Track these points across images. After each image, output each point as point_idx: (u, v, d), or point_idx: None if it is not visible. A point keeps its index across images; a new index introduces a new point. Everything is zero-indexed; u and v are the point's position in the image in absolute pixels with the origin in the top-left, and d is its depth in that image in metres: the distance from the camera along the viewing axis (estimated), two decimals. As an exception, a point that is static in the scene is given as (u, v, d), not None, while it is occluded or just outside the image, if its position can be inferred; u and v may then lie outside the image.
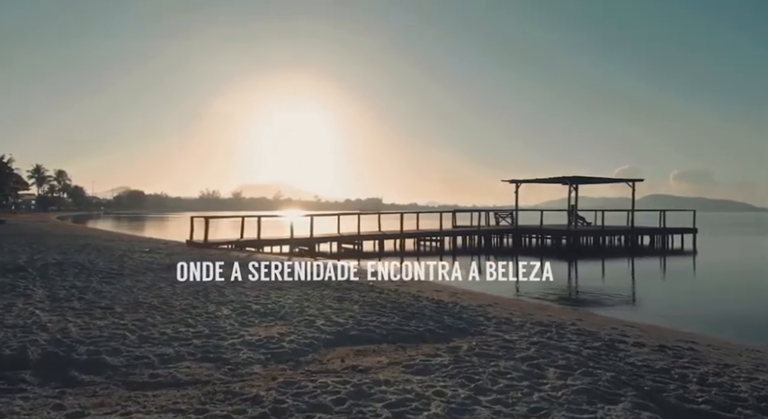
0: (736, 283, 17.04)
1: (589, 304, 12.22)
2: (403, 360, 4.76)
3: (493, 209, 36.59)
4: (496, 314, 7.62)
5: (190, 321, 6.08)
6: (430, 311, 7.18)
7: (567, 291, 14.71)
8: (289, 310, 6.74)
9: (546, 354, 5.07)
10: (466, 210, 34.66)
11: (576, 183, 35.44)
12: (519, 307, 8.87)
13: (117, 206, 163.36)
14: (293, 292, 8.31)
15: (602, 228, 33.78)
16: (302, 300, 7.51)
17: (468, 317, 7.02)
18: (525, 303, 10.03)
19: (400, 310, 7.06)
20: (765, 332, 9.49)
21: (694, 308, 11.74)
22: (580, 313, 9.21)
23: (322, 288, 8.96)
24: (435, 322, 6.50)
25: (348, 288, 9.03)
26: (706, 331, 9.37)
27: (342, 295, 8.08)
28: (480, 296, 10.18)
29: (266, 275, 10.60)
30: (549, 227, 33.75)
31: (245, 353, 4.85)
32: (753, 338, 8.81)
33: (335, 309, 6.86)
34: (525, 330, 6.50)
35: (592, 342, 6.02)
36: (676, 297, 13.83)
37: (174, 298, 7.49)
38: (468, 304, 8.39)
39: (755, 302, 12.99)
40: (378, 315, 6.66)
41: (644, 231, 33.69)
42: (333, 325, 5.92)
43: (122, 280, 9.09)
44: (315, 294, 8.15)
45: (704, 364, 5.29)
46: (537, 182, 37.30)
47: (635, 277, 19.39)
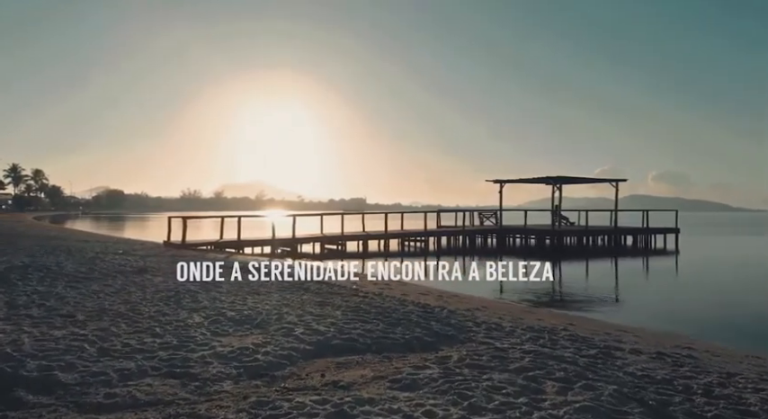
0: (719, 283, 17.02)
1: (577, 306, 11.97)
2: (389, 373, 4.37)
3: (476, 209, 36.40)
4: (485, 319, 7.28)
5: (157, 330, 5.61)
6: (416, 316, 6.80)
7: (553, 293, 14.47)
8: (266, 317, 6.31)
9: (541, 365, 4.72)
10: (450, 210, 34.42)
11: (559, 183, 35.45)
12: (508, 311, 8.55)
13: (96, 206, 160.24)
14: (272, 297, 7.87)
15: (585, 228, 33.81)
16: (281, 306, 7.08)
17: (456, 323, 6.67)
18: (514, 306, 9.71)
19: (385, 316, 6.68)
20: (752, 332, 9.36)
21: (681, 310, 11.57)
22: (570, 317, 8.92)
23: (302, 292, 8.53)
24: (422, 328, 6.12)
25: (330, 292, 8.61)
26: (696, 333, 9.19)
27: (323, 300, 7.67)
28: (468, 299, 9.84)
29: (244, 278, 10.13)
30: (534, 227, 33.65)
31: (215, 367, 4.42)
32: (742, 339, 8.66)
33: (316, 316, 6.45)
34: (516, 336, 6.17)
35: (587, 349, 5.71)
36: (662, 298, 13.67)
37: (144, 305, 7.00)
38: (455, 308, 8.03)
39: (739, 302, 12.93)
40: (361, 321, 6.26)
41: (627, 231, 33.79)
42: (313, 334, 5.51)
43: (90, 285, 8.55)
44: (295, 299, 7.72)
45: (707, 373, 5.00)
46: (521, 182, 37.22)
47: (620, 277, 19.27)
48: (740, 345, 7.93)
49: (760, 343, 8.47)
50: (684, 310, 11.48)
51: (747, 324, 10.36)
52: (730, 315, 11.21)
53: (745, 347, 8.18)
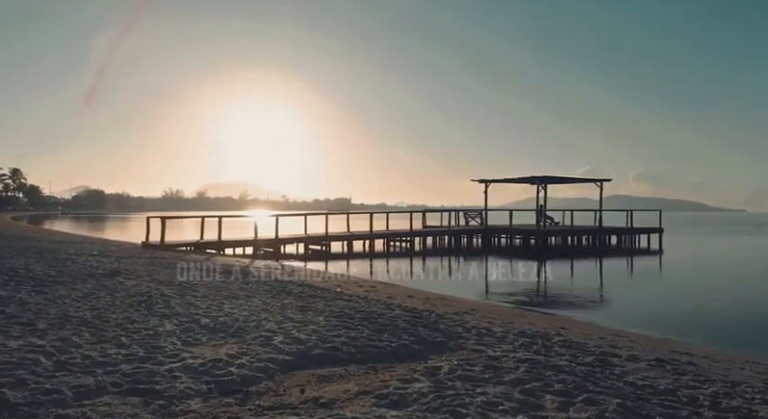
0: (703, 283, 17.05)
1: (565, 308, 11.74)
2: (374, 387, 4.01)
3: (462, 209, 36.20)
4: (475, 323, 6.96)
5: (123, 340, 5.18)
6: (403, 322, 6.45)
7: (540, 293, 14.24)
8: (243, 324, 5.90)
9: (538, 375, 4.40)
10: (436, 210, 34.17)
11: (544, 183, 35.42)
12: (498, 314, 8.25)
13: (75, 206, 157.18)
14: (251, 302, 7.46)
15: (571, 228, 33.81)
16: (260, 311, 6.67)
17: (445, 328, 6.33)
18: (503, 309, 9.42)
19: (370, 321, 6.31)
20: (739, 333, 9.23)
21: (667, 311, 11.42)
22: (561, 320, 8.66)
23: (284, 296, 8.12)
24: (410, 335, 5.77)
25: (313, 295, 8.22)
26: (684, 334, 9.00)
27: (305, 304, 7.27)
28: (456, 301, 9.54)
29: (222, 281, 9.70)
30: (519, 227, 33.56)
31: (183, 383, 4.02)
32: (731, 341, 8.52)
33: (297, 322, 6.06)
34: (509, 342, 5.85)
35: (583, 356, 5.41)
36: (648, 298, 13.53)
37: (112, 311, 6.54)
38: (443, 312, 7.71)
39: (723, 302, 12.93)
40: (345, 328, 5.89)
41: (612, 231, 33.87)
42: (293, 343, 5.12)
43: (57, 289, 8.05)
44: (275, 303, 7.32)
45: (711, 383, 4.72)
46: (506, 182, 37.13)
47: (606, 277, 19.18)
48: (730, 347, 7.78)
49: (750, 344, 8.33)
50: (671, 311, 11.34)
51: (733, 324, 10.30)
52: (716, 315, 11.14)
53: (736, 349, 8.01)
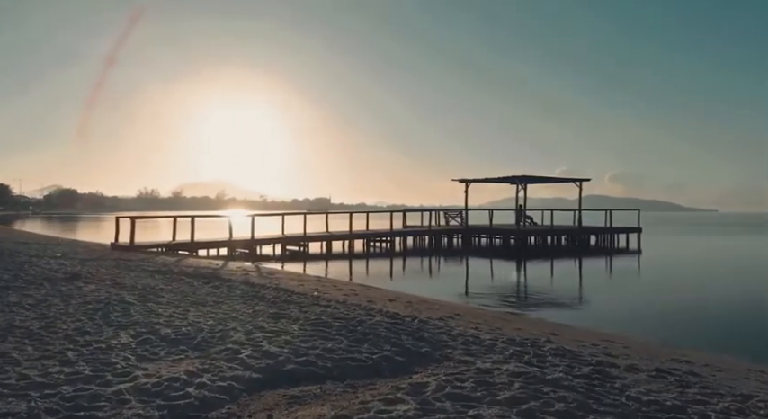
0: (682, 283, 17.01)
1: (550, 310, 11.41)
2: (353, 410, 3.51)
3: (442, 208, 35.88)
4: (461, 329, 6.51)
5: (70, 355, 4.59)
6: (385, 329, 5.96)
7: (522, 295, 13.91)
8: (208, 335, 5.34)
9: (535, 392, 3.95)
10: (416, 210, 33.77)
11: (524, 183, 35.33)
12: (483, 320, 7.82)
13: (47, 206, 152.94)
14: (219, 308, 6.89)
15: (551, 228, 33.77)
16: (228, 320, 6.11)
17: (430, 336, 5.87)
18: (488, 313, 9.00)
19: (349, 330, 5.81)
20: (722, 333, 9.04)
21: (651, 312, 11.23)
22: (549, 325, 8.28)
23: (255, 301, 7.57)
24: (392, 345, 5.29)
25: (288, 300, 7.68)
26: (674, 337, 8.75)
27: (279, 311, 6.73)
28: (439, 305, 9.09)
29: (191, 285, 9.09)
30: (499, 227, 33.39)
31: (131, 408, 3.47)
32: (717, 342, 8.30)
33: (269, 333, 5.52)
34: (498, 351, 5.41)
35: (579, 366, 5.00)
36: (632, 299, 13.31)
37: (63, 320, 5.92)
38: (427, 317, 7.25)
39: (703, 302, 12.82)
40: (322, 338, 5.38)
41: (591, 230, 33.93)
42: (262, 358, 4.59)
43: (6, 295, 7.36)
44: (245, 311, 6.76)
45: (719, 396, 4.34)
46: (486, 182, 36.96)
47: (588, 278, 19.00)
48: (719, 349, 7.52)
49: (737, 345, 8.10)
50: (654, 312, 11.15)
51: (716, 325, 10.12)
52: (698, 316, 10.99)
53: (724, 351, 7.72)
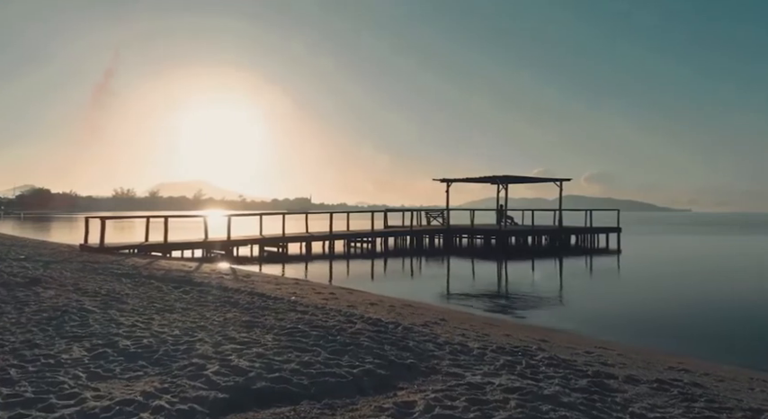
0: (662, 282, 16.93)
1: (536, 313, 11.14)
2: (331, 438, 3.09)
3: (423, 209, 35.58)
4: (447, 337, 6.13)
5: (12, 373, 4.07)
6: (366, 338, 5.54)
7: (504, 296, 13.62)
8: (171, 348, 4.85)
9: (534, 412, 3.58)
10: (397, 210, 33.41)
11: (505, 183, 35.25)
12: (469, 324, 7.45)
13: (19, 205, 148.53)
14: (187, 316, 6.38)
15: (531, 228, 33.74)
16: (195, 330, 5.62)
17: (414, 345, 5.46)
18: (474, 318, 8.63)
19: (328, 340, 5.37)
20: (707, 334, 8.87)
21: (635, 313, 11.06)
22: (537, 329, 7.95)
23: (228, 308, 7.07)
24: (374, 356, 4.87)
25: (263, 307, 7.20)
26: (660, 339, 8.55)
27: (252, 319, 6.26)
28: (423, 309, 8.70)
29: (159, 290, 8.54)
30: (480, 227, 33.22)
31: (73, 440, 2.98)
32: (703, 342, 8.13)
33: (240, 344, 5.05)
34: (488, 362, 5.04)
35: (575, 378, 4.65)
36: (615, 300, 13.13)
37: (11, 331, 5.36)
38: (411, 323, 6.85)
39: (684, 302, 12.70)
40: (298, 350, 4.93)
41: (571, 230, 33.99)
42: (231, 374, 4.13)
43: (-47, 303, 6.74)
44: (215, 318, 6.27)
45: (728, 411, 4.03)
46: (467, 182, 36.79)
47: (570, 278, 18.84)
48: (707, 352, 7.33)
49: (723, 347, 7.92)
50: (637, 314, 10.99)
51: (699, 325, 10.00)
52: (682, 316, 10.84)
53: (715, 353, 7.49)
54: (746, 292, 14.46)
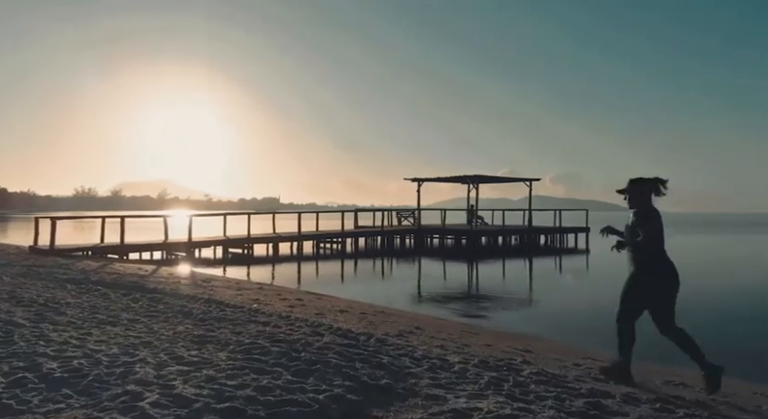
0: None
1: (511, 317, 10.77)
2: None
3: (393, 208, 35.08)
4: (425, 349, 5.57)
5: None
6: (335, 355, 4.92)
7: (480, 299, 13.20)
8: (105, 371, 4.14)
9: (531, 446, 3.04)
10: (368, 210, 32.82)
11: (476, 183, 35.12)
12: (447, 334, 6.92)
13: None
14: (131, 330, 5.64)
15: (502, 228, 33.70)
16: (138, 347, 4.91)
17: (389, 362, 4.88)
18: (451, 325, 8.11)
19: (292, 357, 4.74)
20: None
21: (607, 315, 10.70)
22: (519, 338, 7.48)
23: (180, 318, 6.35)
24: (344, 377, 4.27)
25: (220, 317, 6.49)
26: (645, 346, 8.20)
27: (206, 332, 5.56)
28: (397, 316, 8.14)
29: (107, 298, 7.73)
30: (451, 228, 32.98)
31: None
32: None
33: (187, 365, 4.37)
34: (472, 379, 4.50)
35: (569, 398, 4.15)
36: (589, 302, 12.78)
37: None
38: (384, 333, 6.26)
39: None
40: (255, 371, 4.28)
41: (541, 230, 34.09)
42: (172, 406, 3.46)
43: None
44: (164, 332, 5.55)
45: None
46: (438, 181, 36.53)
47: (541, 279, 18.65)
48: (683, 359, 7.01)
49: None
50: (610, 316, 10.65)
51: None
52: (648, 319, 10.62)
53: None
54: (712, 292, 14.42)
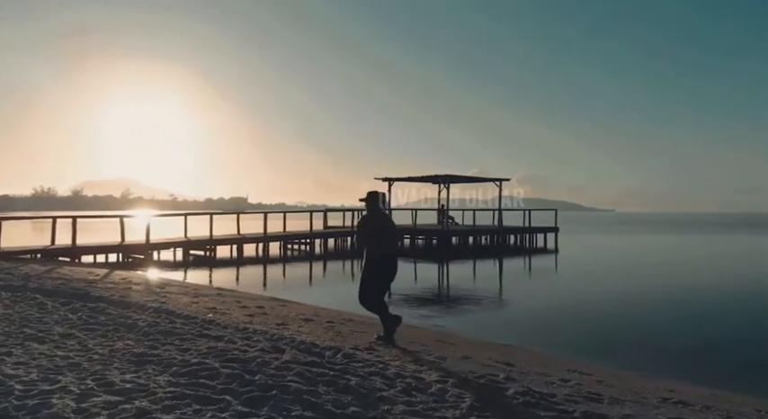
0: (605, 282, 16.95)
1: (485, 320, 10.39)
2: None
3: (363, 208, 34.44)
4: (398, 365, 5.00)
5: None
6: (296, 376, 4.30)
7: (453, 303, 12.73)
8: (15, 403, 3.42)
9: None
10: (337, 210, 32.10)
11: (447, 183, 34.82)
12: (421, 344, 6.37)
13: None
14: (61, 347, 4.89)
15: (473, 228, 33.46)
16: (63, 369, 4.18)
17: (358, 383, 4.28)
18: (425, 334, 7.56)
19: (245, 380, 4.09)
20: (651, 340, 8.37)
21: (585, 320, 10.51)
22: (499, 349, 7.01)
23: (122, 332, 5.61)
24: (305, 405, 3.65)
25: (166, 331, 5.77)
26: (623, 351, 7.93)
27: (147, 350, 4.86)
28: (366, 325, 7.54)
29: (41, 307, 6.90)
30: (422, 228, 32.56)
31: None
32: (656, 350, 7.55)
33: (118, 393, 3.68)
34: (452, 403, 3.96)
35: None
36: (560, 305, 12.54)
37: None
38: (353, 347, 5.66)
39: (628, 303, 12.56)
40: (199, 400, 3.62)
41: (511, 230, 34.02)
42: (86, 452, 2.78)
43: None
44: (99, 350, 4.82)
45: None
46: (410, 181, 36.06)
47: (513, 280, 18.37)
48: (672, 369, 6.75)
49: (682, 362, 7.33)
50: (585, 320, 10.50)
51: (641, 330, 9.64)
52: (626, 319, 10.55)
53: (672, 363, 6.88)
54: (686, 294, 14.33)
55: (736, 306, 12.46)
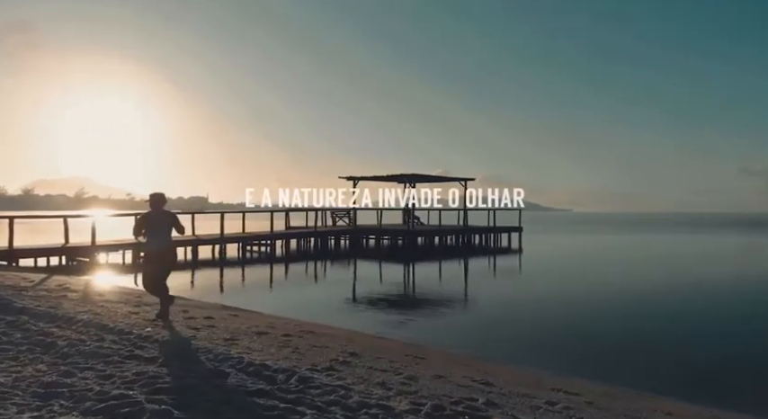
0: (569, 282, 16.83)
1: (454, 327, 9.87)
2: None
3: (327, 208, 33.55)
4: (362, 390, 4.31)
5: None
6: (237, 412, 3.57)
7: (420, 308, 12.15)
8: None
9: None
10: (300, 210, 31.14)
11: (413, 182, 34.38)
12: (388, 360, 5.70)
13: None
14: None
15: (438, 228, 33.13)
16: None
17: (314, 416, 3.58)
18: (392, 348, 6.89)
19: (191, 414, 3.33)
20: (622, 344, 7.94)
21: (553, 325, 10.14)
22: (473, 364, 6.42)
23: (36, 354, 4.72)
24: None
25: (90, 352, 4.90)
26: (599, 359, 7.54)
27: (61, 378, 4.01)
28: (327, 336, 6.83)
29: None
30: (388, 228, 32.03)
31: None
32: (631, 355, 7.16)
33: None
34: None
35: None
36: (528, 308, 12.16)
37: None
38: (311, 366, 4.93)
39: (594, 305, 12.47)
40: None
41: (476, 230, 33.88)
42: None
43: None
44: (2, 378, 3.97)
45: None
46: (375, 180, 35.44)
47: (479, 281, 17.98)
48: (655, 383, 6.33)
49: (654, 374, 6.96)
50: (554, 325, 10.12)
51: (610, 334, 9.34)
52: (594, 323, 10.23)
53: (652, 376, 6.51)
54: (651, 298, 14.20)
55: (689, 305, 12.49)
